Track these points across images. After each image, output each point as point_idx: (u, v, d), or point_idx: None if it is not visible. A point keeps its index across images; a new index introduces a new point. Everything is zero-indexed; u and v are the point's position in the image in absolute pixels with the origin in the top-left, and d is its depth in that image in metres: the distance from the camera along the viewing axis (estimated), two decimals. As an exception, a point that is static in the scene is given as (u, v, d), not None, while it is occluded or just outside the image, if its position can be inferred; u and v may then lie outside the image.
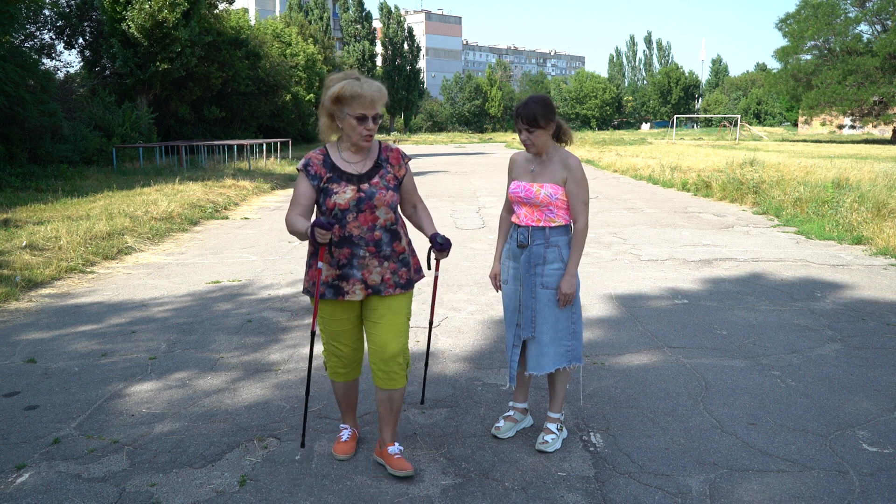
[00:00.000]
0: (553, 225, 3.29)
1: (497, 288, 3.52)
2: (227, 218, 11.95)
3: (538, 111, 3.20)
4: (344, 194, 2.99)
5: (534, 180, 3.32)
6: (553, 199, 3.26)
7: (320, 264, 3.04)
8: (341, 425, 3.42)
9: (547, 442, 3.37)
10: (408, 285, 3.12)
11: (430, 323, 3.65)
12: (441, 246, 3.14)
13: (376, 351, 3.09)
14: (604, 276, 7.01)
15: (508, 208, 3.51)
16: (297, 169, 3.10)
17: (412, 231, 3.50)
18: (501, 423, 3.56)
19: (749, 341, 4.98)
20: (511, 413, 3.61)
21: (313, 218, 3.10)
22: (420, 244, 3.54)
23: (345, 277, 3.03)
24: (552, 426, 3.44)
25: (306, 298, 6.22)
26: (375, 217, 3.02)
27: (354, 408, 3.43)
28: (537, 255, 3.29)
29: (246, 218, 11.95)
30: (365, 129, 2.97)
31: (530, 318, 3.32)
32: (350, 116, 2.95)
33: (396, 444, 3.20)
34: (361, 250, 3.02)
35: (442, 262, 3.42)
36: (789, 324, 5.39)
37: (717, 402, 3.92)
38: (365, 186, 3.02)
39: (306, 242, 3.11)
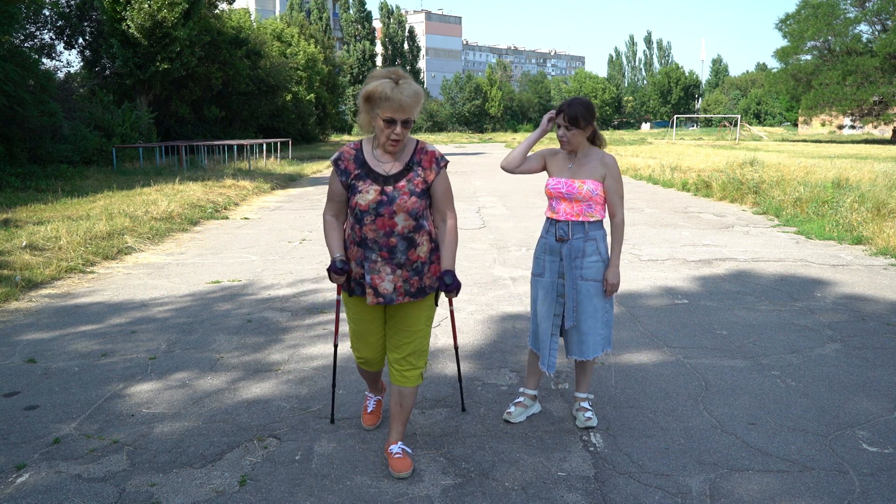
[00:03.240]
0: (591, 220, 3.49)
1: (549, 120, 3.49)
2: (227, 218, 11.94)
3: (581, 112, 3.39)
4: (366, 195, 2.95)
5: (573, 177, 3.49)
6: (594, 194, 3.47)
7: (338, 297, 3.26)
8: (367, 394, 3.67)
9: (591, 418, 3.60)
10: (419, 294, 3.07)
11: (456, 349, 3.76)
12: (448, 287, 3.08)
13: (392, 350, 3.20)
14: (604, 276, 7.02)
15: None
16: (331, 161, 3.09)
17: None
18: (512, 409, 3.71)
19: (749, 341, 4.98)
20: (521, 399, 3.77)
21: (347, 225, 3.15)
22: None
23: (363, 278, 3.04)
24: (586, 404, 3.69)
25: (307, 299, 6.24)
26: (394, 223, 2.96)
27: (378, 379, 3.61)
28: (577, 248, 3.48)
29: (246, 218, 11.94)
30: (392, 132, 2.89)
31: (572, 308, 3.52)
32: (379, 117, 2.89)
33: (400, 443, 3.22)
34: (374, 254, 2.99)
35: (440, 266, 3.40)
36: (789, 324, 5.39)
37: (717, 402, 3.92)
38: (389, 189, 2.96)
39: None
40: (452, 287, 3.08)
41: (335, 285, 3.27)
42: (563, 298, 3.54)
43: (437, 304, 3.24)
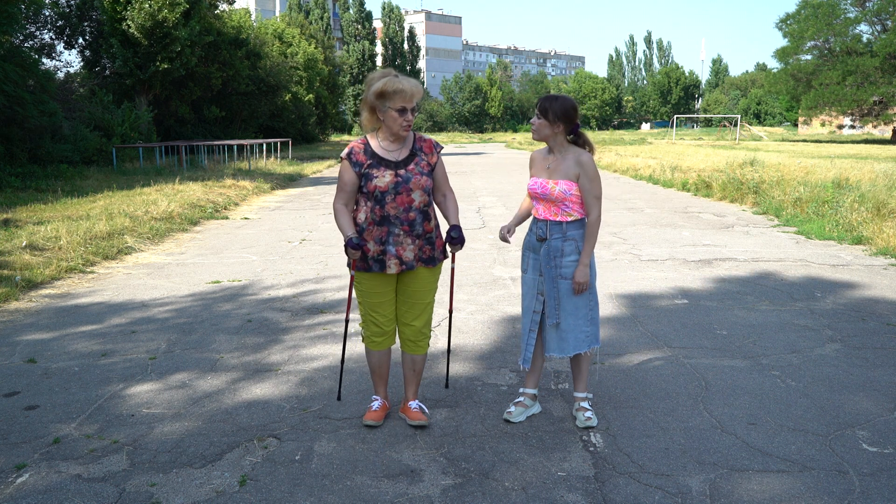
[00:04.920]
0: (569, 219, 3.52)
1: (503, 239, 3.71)
2: (227, 218, 11.95)
3: (550, 105, 3.47)
4: (383, 178, 3.36)
5: (549, 177, 3.54)
6: (567, 194, 3.48)
7: (352, 273, 3.51)
8: (373, 396, 3.77)
9: (591, 418, 3.60)
10: (430, 261, 3.49)
11: (450, 311, 3.92)
12: (453, 239, 3.46)
13: (406, 325, 3.59)
14: (604, 276, 7.01)
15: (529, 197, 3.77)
16: (341, 157, 3.45)
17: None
18: (512, 409, 3.72)
19: (749, 341, 4.98)
20: (522, 399, 3.78)
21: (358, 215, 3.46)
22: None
23: (384, 253, 3.41)
24: (586, 404, 3.69)
25: (307, 299, 6.24)
26: (411, 199, 3.39)
27: (386, 380, 3.76)
28: (555, 248, 3.53)
29: (246, 218, 11.95)
30: (404, 120, 3.33)
31: (554, 307, 3.56)
32: (391, 109, 3.31)
33: (417, 400, 3.69)
34: (397, 228, 3.39)
35: (446, 260, 3.67)
36: (789, 324, 5.38)
37: (717, 402, 3.92)
38: (402, 171, 3.39)
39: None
40: (458, 240, 3.46)
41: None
42: (542, 296, 3.59)
43: (445, 256, 3.60)
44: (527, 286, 3.67)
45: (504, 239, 3.72)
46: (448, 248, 3.55)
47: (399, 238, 3.38)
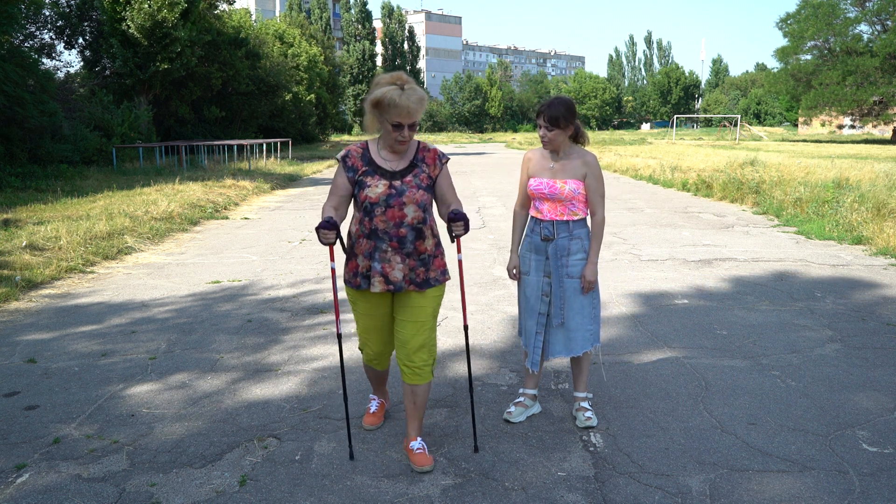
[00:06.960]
0: (575, 219, 3.54)
1: (514, 278, 3.70)
2: (227, 218, 11.95)
3: (560, 113, 3.44)
4: (376, 188, 3.09)
5: (555, 177, 3.53)
6: (576, 193, 3.51)
7: (332, 265, 3.24)
8: (370, 396, 3.69)
9: (590, 418, 3.60)
10: (423, 285, 3.17)
11: (465, 328, 3.49)
12: (453, 215, 3.11)
13: (400, 346, 3.23)
14: (604, 276, 7.01)
15: (522, 203, 3.73)
16: (336, 159, 3.22)
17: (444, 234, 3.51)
18: (512, 409, 3.72)
19: (749, 341, 4.98)
20: (522, 399, 3.78)
21: (350, 211, 3.24)
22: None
23: (371, 269, 3.13)
24: (586, 404, 3.69)
25: (307, 299, 6.24)
26: (403, 214, 3.10)
27: (384, 382, 3.66)
28: (562, 247, 3.53)
29: (246, 218, 11.95)
30: (400, 135, 3.06)
31: (559, 307, 3.56)
32: (387, 122, 3.05)
33: (419, 439, 3.29)
34: (384, 244, 3.10)
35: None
36: (789, 324, 5.38)
37: (717, 402, 3.92)
38: (397, 183, 3.11)
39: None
40: (458, 216, 3.08)
41: (331, 297, 3.31)
42: (547, 297, 3.59)
43: (451, 241, 3.19)
44: (531, 288, 3.64)
45: (515, 277, 3.68)
46: (451, 232, 3.12)
47: (386, 255, 3.09)
